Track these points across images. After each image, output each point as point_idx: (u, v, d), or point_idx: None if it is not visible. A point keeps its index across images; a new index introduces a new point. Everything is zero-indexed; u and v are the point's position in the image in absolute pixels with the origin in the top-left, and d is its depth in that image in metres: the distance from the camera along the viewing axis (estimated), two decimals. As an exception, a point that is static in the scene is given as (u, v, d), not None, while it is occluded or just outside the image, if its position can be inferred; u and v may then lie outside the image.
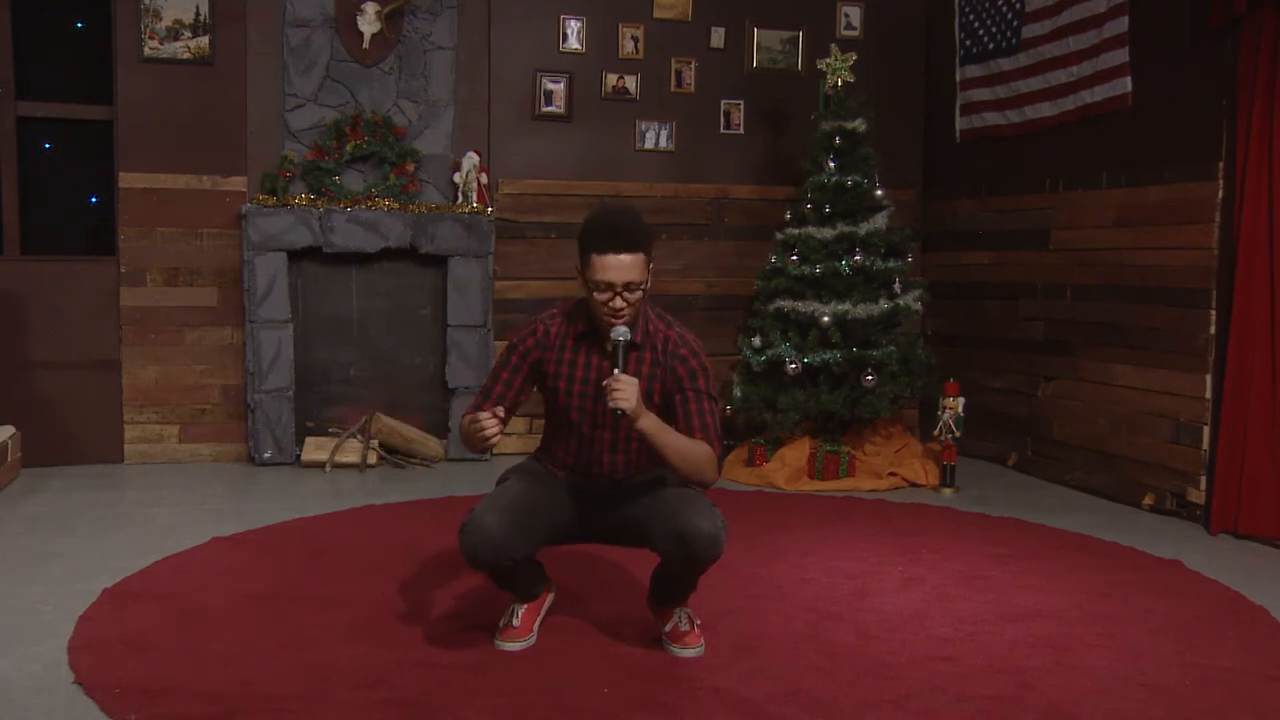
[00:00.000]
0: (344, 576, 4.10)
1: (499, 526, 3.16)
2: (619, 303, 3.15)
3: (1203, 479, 5.14)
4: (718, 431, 3.27)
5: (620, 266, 3.12)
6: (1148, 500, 5.45)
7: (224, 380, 6.37)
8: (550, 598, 3.57)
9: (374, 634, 3.49)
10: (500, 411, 3.13)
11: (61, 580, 4.02)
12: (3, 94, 6.08)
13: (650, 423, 3.13)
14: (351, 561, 4.30)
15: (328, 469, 6.10)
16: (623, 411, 3.05)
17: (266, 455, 6.24)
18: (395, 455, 6.30)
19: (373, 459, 6.21)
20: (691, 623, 3.41)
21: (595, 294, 3.16)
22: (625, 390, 3.05)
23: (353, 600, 3.83)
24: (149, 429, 6.30)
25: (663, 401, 3.30)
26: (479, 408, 3.28)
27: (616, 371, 3.11)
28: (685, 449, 3.17)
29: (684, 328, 3.37)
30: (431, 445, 6.40)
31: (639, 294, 3.18)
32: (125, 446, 6.28)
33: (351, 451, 6.18)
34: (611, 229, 3.17)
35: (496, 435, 3.09)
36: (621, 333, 3.16)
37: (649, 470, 3.38)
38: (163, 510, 5.19)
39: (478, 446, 3.14)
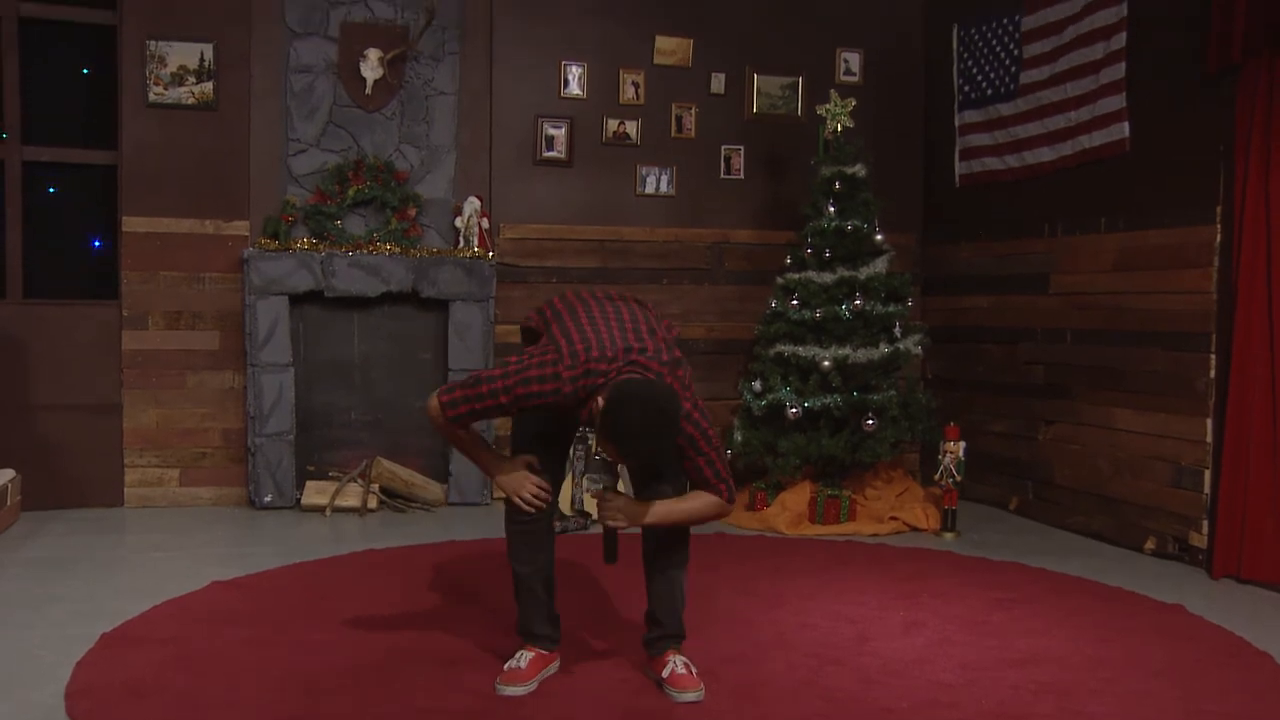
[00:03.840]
0: (344, 621, 4.08)
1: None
2: None
3: (1204, 523, 5.12)
4: (727, 470, 3.36)
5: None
6: (1149, 544, 5.43)
7: (225, 424, 6.37)
8: (556, 664, 3.55)
9: (374, 679, 3.48)
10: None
11: (61, 624, 4.00)
12: (8, 138, 6.13)
13: (655, 515, 3.30)
14: (351, 606, 4.28)
15: (328, 513, 6.08)
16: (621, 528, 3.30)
17: (267, 499, 6.22)
18: (396, 499, 6.29)
19: (373, 503, 6.19)
20: (689, 668, 3.40)
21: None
22: (617, 510, 3.28)
23: (353, 645, 3.81)
24: (149, 472, 6.29)
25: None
26: (460, 417, 3.30)
27: (620, 485, 3.37)
28: (694, 512, 3.35)
29: (681, 382, 3.28)
30: (432, 489, 6.38)
31: None
32: (125, 490, 6.26)
33: (352, 495, 6.17)
34: (642, 449, 3.14)
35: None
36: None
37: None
38: (162, 554, 5.18)
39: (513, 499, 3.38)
